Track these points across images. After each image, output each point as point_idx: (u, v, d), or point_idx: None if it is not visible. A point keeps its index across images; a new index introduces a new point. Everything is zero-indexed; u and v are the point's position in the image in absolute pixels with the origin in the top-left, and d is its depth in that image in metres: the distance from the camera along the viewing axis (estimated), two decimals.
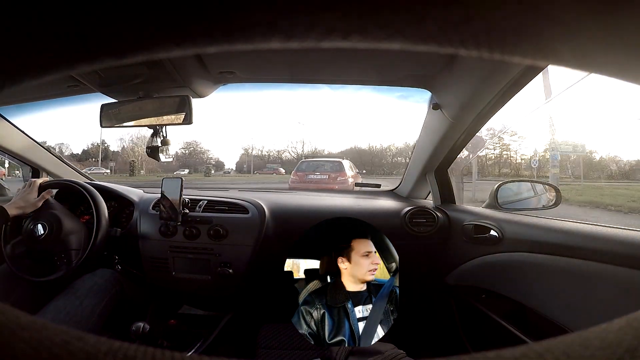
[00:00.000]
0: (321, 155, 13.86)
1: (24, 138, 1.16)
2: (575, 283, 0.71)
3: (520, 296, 0.86)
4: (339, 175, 5.69)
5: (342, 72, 1.03)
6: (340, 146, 18.08)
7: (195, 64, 0.95)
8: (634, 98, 10.13)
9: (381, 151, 16.61)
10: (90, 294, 0.92)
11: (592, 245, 0.67)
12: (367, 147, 16.26)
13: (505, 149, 12.84)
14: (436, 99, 1.02)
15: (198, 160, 19.49)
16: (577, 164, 12.43)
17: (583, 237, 0.70)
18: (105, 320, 0.93)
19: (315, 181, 5.55)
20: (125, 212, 1.15)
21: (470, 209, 1.08)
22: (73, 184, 1.03)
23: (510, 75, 0.78)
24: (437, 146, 1.06)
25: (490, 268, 0.97)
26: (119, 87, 1.03)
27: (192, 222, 1.06)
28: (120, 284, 1.01)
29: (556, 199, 1.05)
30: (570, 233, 0.75)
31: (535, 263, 0.82)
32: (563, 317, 0.73)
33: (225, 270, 1.04)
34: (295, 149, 17.30)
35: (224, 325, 1.07)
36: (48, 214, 1.00)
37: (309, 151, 16.14)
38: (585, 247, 0.69)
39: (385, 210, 1.17)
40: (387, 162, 16.12)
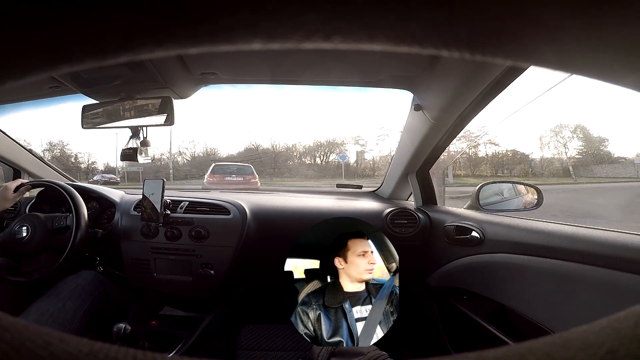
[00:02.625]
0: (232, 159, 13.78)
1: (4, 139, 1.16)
2: (556, 284, 0.71)
3: (502, 297, 0.86)
4: (252, 178, 6.38)
5: (324, 73, 1.03)
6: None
7: (177, 65, 0.95)
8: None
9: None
10: (73, 296, 0.92)
11: (573, 246, 0.67)
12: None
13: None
14: (418, 100, 1.02)
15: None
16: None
17: (564, 238, 0.70)
18: (87, 322, 0.93)
19: (234, 182, 6.10)
20: (107, 213, 1.15)
21: (451, 210, 1.08)
22: (53, 184, 1.03)
23: (492, 76, 0.78)
24: (418, 147, 1.06)
25: (471, 269, 0.97)
26: (100, 88, 1.03)
27: (174, 223, 1.06)
28: (103, 285, 1.01)
29: (538, 200, 1.05)
30: (551, 234, 0.75)
31: (517, 264, 0.82)
32: (544, 318, 0.73)
33: (206, 271, 1.04)
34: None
35: (205, 326, 1.07)
36: (29, 216, 1.00)
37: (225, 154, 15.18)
38: (567, 248, 0.69)
39: (367, 212, 1.17)
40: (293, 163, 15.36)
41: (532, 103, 0.88)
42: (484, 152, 13.05)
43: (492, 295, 0.89)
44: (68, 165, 13.51)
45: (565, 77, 0.95)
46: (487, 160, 12.82)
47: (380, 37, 0.11)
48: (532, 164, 12.15)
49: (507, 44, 0.11)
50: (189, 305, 1.15)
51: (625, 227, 0.66)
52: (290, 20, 0.11)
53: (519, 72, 0.79)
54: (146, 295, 1.12)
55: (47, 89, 1.09)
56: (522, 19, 0.10)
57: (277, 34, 0.11)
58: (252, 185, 5.86)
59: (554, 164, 12.49)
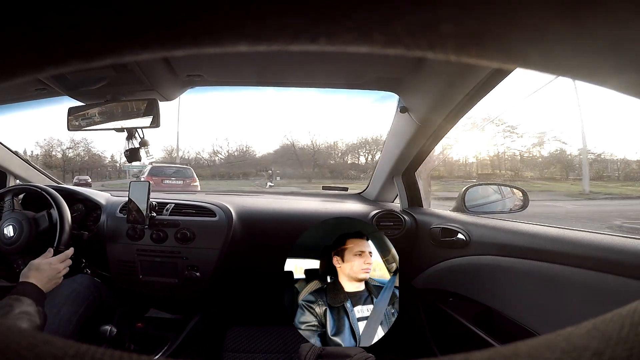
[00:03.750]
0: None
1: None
2: (541, 286, 0.71)
3: (488, 299, 0.86)
4: (192, 181, 6.07)
5: (310, 75, 1.03)
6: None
7: (163, 67, 0.95)
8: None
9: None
10: (68, 302, 0.91)
11: (558, 248, 0.67)
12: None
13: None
14: (404, 102, 1.02)
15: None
16: None
17: (549, 240, 0.71)
18: (80, 326, 0.93)
19: (172, 186, 5.79)
20: (93, 216, 1.15)
21: (437, 212, 1.08)
22: (36, 188, 1.03)
23: (478, 78, 0.78)
24: (404, 149, 1.06)
25: (457, 271, 0.97)
26: (86, 90, 1.03)
27: (160, 226, 1.06)
28: (99, 290, 1.00)
29: (523, 202, 1.05)
30: (536, 236, 0.75)
31: (502, 266, 0.82)
32: (530, 320, 0.73)
33: (192, 273, 1.04)
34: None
35: (191, 328, 1.07)
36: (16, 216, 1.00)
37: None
38: (551, 249, 0.69)
39: (352, 213, 1.17)
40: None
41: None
42: (547, 150, 10.89)
43: (477, 297, 0.89)
44: (102, 164, 13.39)
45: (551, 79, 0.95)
46: (553, 160, 10.61)
47: (365, 39, 0.11)
48: (606, 164, 9.50)
49: (492, 45, 0.11)
50: (175, 307, 1.15)
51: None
52: (276, 22, 0.10)
53: (505, 73, 0.79)
54: (132, 297, 1.12)
55: (33, 91, 1.09)
56: (507, 20, 0.10)
57: (263, 36, 0.11)
58: (192, 188, 5.57)
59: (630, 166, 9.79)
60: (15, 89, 1.08)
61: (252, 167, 13.12)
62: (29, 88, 1.08)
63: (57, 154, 12.87)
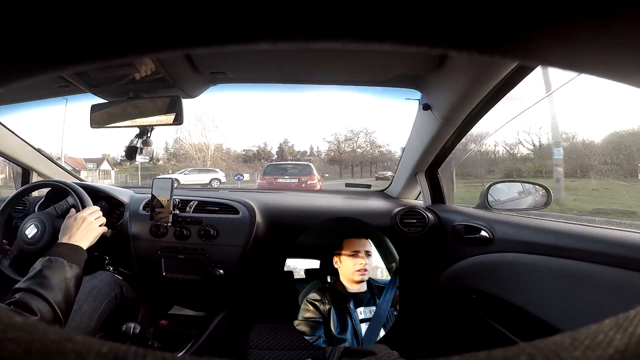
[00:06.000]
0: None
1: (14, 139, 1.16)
2: (565, 283, 0.71)
3: (511, 296, 0.86)
4: (309, 179, 5.75)
5: (332, 72, 1.03)
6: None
7: (186, 64, 0.95)
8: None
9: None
10: (89, 298, 0.91)
11: (582, 245, 0.67)
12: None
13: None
14: (426, 100, 1.01)
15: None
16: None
17: (573, 238, 0.70)
18: (102, 323, 0.93)
19: (285, 185, 5.54)
20: (116, 213, 1.15)
21: (460, 209, 1.08)
22: (61, 184, 1.03)
23: (500, 75, 0.78)
24: (427, 147, 1.06)
25: (481, 268, 0.97)
26: (108, 88, 1.03)
27: (183, 223, 1.06)
28: (120, 287, 1.01)
29: (547, 199, 1.05)
30: (560, 233, 0.75)
31: (526, 263, 0.82)
32: (553, 318, 0.72)
33: (215, 270, 1.04)
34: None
35: (215, 325, 1.07)
36: (38, 215, 1.00)
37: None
38: (576, 247, 0.68)
39: (376, 211, 1.17)
40: None
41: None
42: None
43: (501, 294, 0.89)
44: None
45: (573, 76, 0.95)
46: None
47: (388, 37, 0.11)
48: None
49: (516, 43, 0.11)
50: (198, 305, 1.15)
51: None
52: (298, 19, 0.11)
53: (528, 70, 0.79)
54: (155, 294, 1.12)
55: (55, 88, 1.09)
56: (530, 18, 0.10)
57: (285, 34, 0.11)
58: (309, 187, 5.30)
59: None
60: (38, 86, 1.08)
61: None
62: (51, 85, 1.08)
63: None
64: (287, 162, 7.77)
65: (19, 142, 1.18)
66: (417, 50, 0.12)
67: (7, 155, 1.16)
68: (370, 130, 15.42)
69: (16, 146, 1.17)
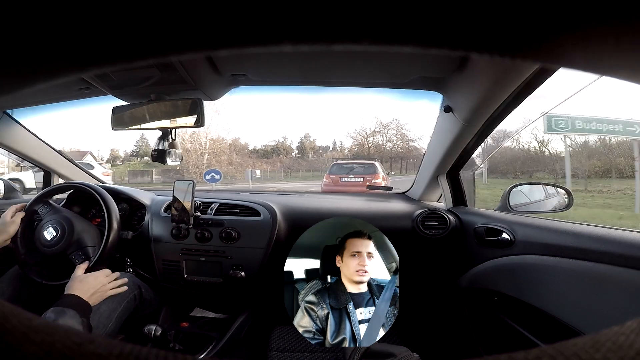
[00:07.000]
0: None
1: (36, 141, 1.16)
2: (587, 286, 0.71)
3: (532, 299, 0.86)
4: (374, 178, 5.65)
5: (353, 74, 1.03)
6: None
7: (207, 66, 0.95)
8: None
9: None
10: (108, 299, 0.91)
11: (604, 248, 0.67)
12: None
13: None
14: (448, 102, 1.01)
15: None
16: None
17: (595, 240, 0.70)
18: (122, 325, 0.93)
19: (350, 184, 5.49)
20: (137, 215, 1.15)
21: (482, 211, 1.08)
22: (84, 186, 1.03)
23: (522, 78, 0.77)
24: (448, 149, 1.06)
25: (502, 271, 0.97)
26: (130, 90, 1.04)
27: (204, 225, 1.06)
28: (139, 288, 1.01)
29: (568, 202, 1.05)
30: (581, 236, 0.74)
31: (547, 266, 0.82)
32: (575, 320, 0.72)
33: (237, 272, 1.04)
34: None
35: (236, 327, 1.07)
36: (57, 217, 1.00)
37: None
38: (597, 249, 0.68)
39: (397, 213, 1.17)
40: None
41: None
42: None
43: (522, 296, 0.89)
44: None
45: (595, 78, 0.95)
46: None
47: (409, 39, 0.11)
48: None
49: (538, 46, 0.11)
50: (220, 307, 1.15)
51: None
52: (320, 22, 0.10)
53: (550, 73, 0.79)
54: (177, 296, 1.12)
55: (77, 91, 1.09)
56: (553, 21, 0.10)
57: (306, 36, 0.11)
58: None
59: None
60: (60, 88, 1.08)
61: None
62: (72, 87, 1.08)
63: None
64: (353, 161, 7.66)
65: (40, 145, 1.18)
66: (438, 52, 0.12)
67: (30, 158, 1.17)
68: (402, 122, 15.01)
69: (38, 149, 1.18)
